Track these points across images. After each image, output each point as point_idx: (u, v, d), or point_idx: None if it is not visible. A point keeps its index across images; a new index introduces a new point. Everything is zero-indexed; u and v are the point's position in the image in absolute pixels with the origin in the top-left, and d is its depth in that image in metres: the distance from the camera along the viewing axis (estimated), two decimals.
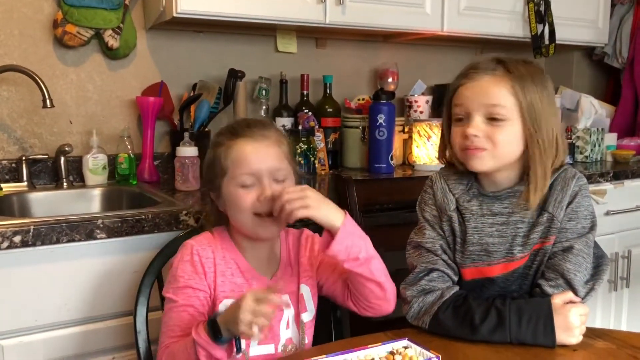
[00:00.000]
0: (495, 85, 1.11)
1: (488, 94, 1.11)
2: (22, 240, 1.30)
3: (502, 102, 1.10)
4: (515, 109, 1.10)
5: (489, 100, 1.10)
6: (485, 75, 1.12)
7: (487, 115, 1.11)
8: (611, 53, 2.90)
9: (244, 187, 1.12)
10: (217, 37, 2.18)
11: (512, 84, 1.10)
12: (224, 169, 1.14)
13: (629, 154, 2.53)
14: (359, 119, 2.29)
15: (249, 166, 1.12)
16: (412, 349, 1.00)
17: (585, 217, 1.15)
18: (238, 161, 1.12)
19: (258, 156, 1.12)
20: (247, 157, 1.12)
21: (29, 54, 1.89)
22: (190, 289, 1.12)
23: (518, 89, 1.10)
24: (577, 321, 1.06)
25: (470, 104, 1.12)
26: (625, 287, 2.34)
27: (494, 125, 1.11)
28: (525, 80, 1.11)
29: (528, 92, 1.10)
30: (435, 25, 2.24)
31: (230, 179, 1.13)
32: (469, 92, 1.13)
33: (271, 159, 1.13)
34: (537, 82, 1.12)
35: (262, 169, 1.12)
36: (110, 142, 1.99)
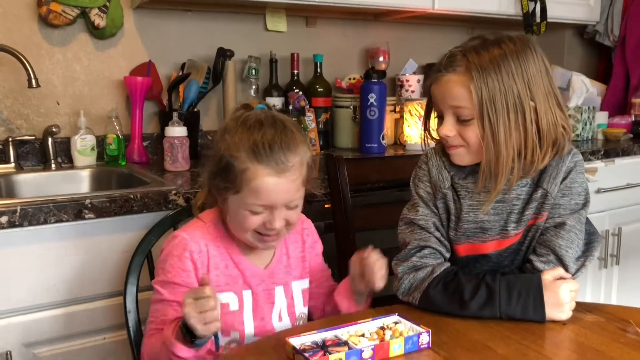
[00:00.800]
0: (457, 85, 1.09)
1: (451, 96, 1.10)
2: (9, 220, 1.29)
3: (465, 103, 1.09)
4: (478, 110, 1.08)
5: (453, 102, 1.11)
6: (447, 75, 1.10)
7: (455, 115, 1.12)
8: (603, 31, 2.89)
9: (253, 213, 1.08)
10: (206, 16, 2.15)
11: (471, 81, 1.07)
12: (237, 189, 1.07)
13: (619, 132, 2.53)
14: (350, 98, 2.27)
15: (266, 200, 1.07)
16: (403, 324, 1.00)
17: (579, 194, 1.15)
18: (255, 193, 1.06)
19: (278, 192, 1.07)
20: (267, 193, 1.06)
21: (13, 33, 1.86)
22: (175, 285, 1.11)
23: (477, 85, 1.07)
24: (567, 297, 1.06)
25: (440, 105, 1.14)
26: (615, 265, 2.36)
27: (463, 125, 1.11)
28: (488, 71, 1.07)
29: (489, 87, 1.07)
30: (426, 3, 2.22)
31: (241, 202, 1.08)
32: (436, 93, 1.14)
33: (290, 194, 1.09)
34: (503, 69, 1.07)
35: (278, 203, 1.08)
36: (98, 123, 1.97)
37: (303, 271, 1.25)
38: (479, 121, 1.09)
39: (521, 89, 1.08)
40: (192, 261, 1.11)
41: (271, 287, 1.19)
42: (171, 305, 1.10)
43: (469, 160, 1.15)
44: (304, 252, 1.25)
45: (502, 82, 1.07)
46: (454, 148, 1.15)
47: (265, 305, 1.18)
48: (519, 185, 1.14)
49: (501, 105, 1.07)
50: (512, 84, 1.08)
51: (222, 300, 1.13)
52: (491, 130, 1.08)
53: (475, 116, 1.09)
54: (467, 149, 1.13)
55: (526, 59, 1.09)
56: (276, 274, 1.20)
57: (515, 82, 1.08)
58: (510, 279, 1.08)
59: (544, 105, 1.10)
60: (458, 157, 1.16)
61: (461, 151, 1.14)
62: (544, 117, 1.10)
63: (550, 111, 1.11)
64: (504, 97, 1.07)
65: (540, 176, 1.15)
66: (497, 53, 1.09)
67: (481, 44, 1.11)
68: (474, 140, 1.11)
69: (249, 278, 1.17)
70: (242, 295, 1.16)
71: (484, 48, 1.10)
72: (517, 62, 1.09)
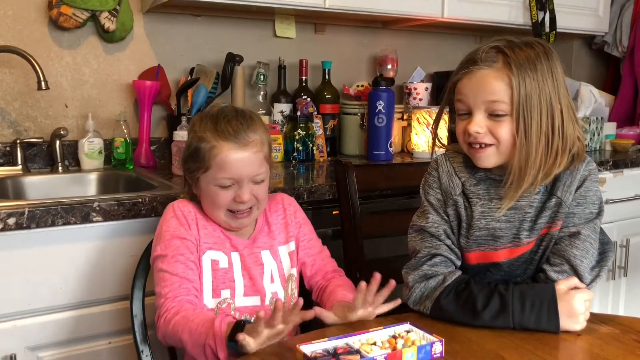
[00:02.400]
0: (496, 80, 1.07)
1: (488, 90, 1.07)
2: (17, 222, 1.28)
3: (502, 97, 1.07)
4: (515, 103, 1.07)
5: (489, 97, 1.08)
6: (484, 69, 1.08)
7: (488, 111, 1.09)
8: (611, 42, 2.88)
9: (222, 188, 1.18)
10: (215, 21, 2.15)
11: (511, 76, 1.06)
12: (206, 167, 1.18)
13: (628, 143, 2.52)
14: (357, 105, 2.27)
15: (232, 172, 1.17)
16: (415, 333, 0.98)
17: (593, 203, 1.13)
18: (222, 166, 1.17)
19: (243, 164, 1.18)
20: (231, 165, 1.17)
21: (23, 36, 1.86)
22: (177, 239, 1.18)
23: (517, 81, 1.06)
24: (581, 307, 1.05)
25: (471, 101, 1.10)
26: (623, 276, 2.34)
27: (496, 121, 1.08)
28: (525, 69, 1.06)
29: (526, 84, 1.06)
30: (435, 11, 2.22)
31: (210, 178, 1.19)
32: (468, 87, 1.10)
33: (254, 167, 1.19)
34: (539, 69, 1.07)
35: (243, 175, 1.18)
36: (106, 127, 1.97)
37: (287, 235, 1.31)
38: (514, 118, 1.07)
39: (552, 90, 1.08)
40: (185, 217, 1.20)
41: (257, 252, 1.26)
42: (178, 260, 1.16)
43: (496, 160, 1.12)
44: (286, 218, 1.32)
45: (537, 81, 1.07)
46: (482, 150, 1.11)
47: (254, 266, 1.23)
48: (532, 193, 1.12)
49: (537, 104, 1.06)
50: (544, 86, 1.07)
51: (213, 257, 1.21)
52: (524, 128, 1.07)
53: (510, 112, 1.07)
54: (496, 147, 1.10)
55: (555, 64, 1.10)
56: (259, 240, 1.27)
57: (547, 84, 1.07)
58: (523, 289, 1.07)
59: (568, 110, 1.10)
60: (485, 157, 1.11)
61: (489, 151, 1.11)
62: (569, 123, 1.09)
63: (571, 118, 1.10)
64: (538, 96, 1.07)
65: (554, 184, 1.13)
66: (532, 53, 1.08)
67: (513, 43, 1.10)
68: (507, 137, 1.08)
69: (234, 242, 1.24)
70: (230, 256, 1.22)
71: (518, 47, 1.09)
72: (548, 64, 1.08)
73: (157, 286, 1.17)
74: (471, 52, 1.12)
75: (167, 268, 1.16)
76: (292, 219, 1.32)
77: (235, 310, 1.21)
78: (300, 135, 2.08)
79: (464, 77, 1.11)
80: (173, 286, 1.14)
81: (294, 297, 1.29)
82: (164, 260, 1.17)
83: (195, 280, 1.17)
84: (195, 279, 1.17)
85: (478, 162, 1.13)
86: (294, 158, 2.08)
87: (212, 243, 1.22)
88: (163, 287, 1.15)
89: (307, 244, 1.33)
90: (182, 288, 1.14)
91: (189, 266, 1.17)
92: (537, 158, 1.08)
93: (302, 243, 1.32)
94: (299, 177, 1.85)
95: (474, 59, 1.10)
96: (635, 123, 2.73)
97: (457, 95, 1.13)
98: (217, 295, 1.20)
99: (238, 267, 1.23)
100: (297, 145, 2.08)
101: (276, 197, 1.35)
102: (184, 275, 1.15)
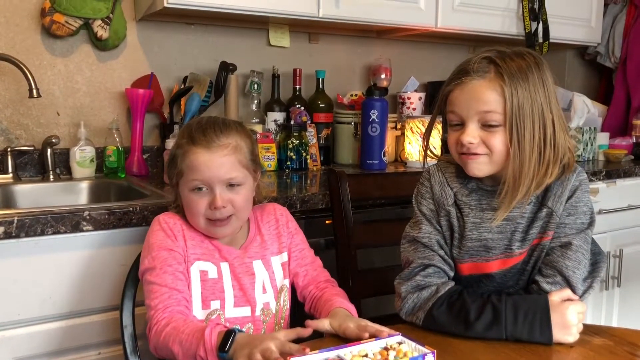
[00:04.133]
0: (488, 90, 1.07)
1: (482, 101, 1.07)
2: (5, 231, 1.27)
3: (495, 108, 1.07)
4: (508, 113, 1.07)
5: (482, 107, 1.07)
6: (476, 80, 1.08)
7: (481, 121, 1.09)
8: (604, 52, 2.90)
9: (196, 192, 1.18)
10: (209, 30, 2.15)
11: (504, 86, 1.06)
12: (181, 172, 1.19)
13: (621, 153, 2.53)
14: (351, 114, 2.27)
15: (201, 174, 1.17)
16: (407, 344, 0.97)
17: (584, 213, 1.13)
18: (191, 168, 1.17)
19: (211, 166, 1.16)
20: (200, 167, 1.16)
21: (15, 43, 1.85)
22: (165, 250, 1.17)
23: (509, 92, 1.06)
24: (574, 319, 1.04)
25: (464, 111, 1.09)
26: (616, 287, 2.33)
27: (489, 131, 1.08)
28: (517, 79, 1.06)
29: (519, 94, 1.06)
30: (429, 21, 2.22)
31: (184, 183, 1.20)
32: (461, 98, 1.10)
33: (224, 169, 1.17)
34: (530, 79, 1.07)
35: (213, 178, 1.17)
36: (98, 135, 1.96)
37: (280, 246, 1.30)
38: (507, 128, 1.07)
39: (543, 101, 1.08)
40: (171, 229, 1.20)
41: (248, 262, 1.24)
42: (166, 271, 1.15)
43: (488, 170, 1.11)
44: (278, 228, 1.31)
45: (529, 91, 1.07)
46: (475, 157, 1.10)
47: (245, 276, 1.22)
48: (523, 204, 1.12)
49: (529, 114, 1.06)
50: (536, 96, 1.07)
51: (201, 267, 1.20)
52: (518, 138, 1.06)
53: (503, 123, 1.07)
54: (489, 157, 1.10)
55: (546, 74, 1.10)
56: (251, 250, 1.26)
57: (539, 94, 1.07)
58: (516, 300, 1.06)
59: (559, 120, 1.10)
60: (477, 167, 1.11)
61: (482, 160, 1.10)
62: (561, 133, 1.09)
63: (562, 128, 1.10)
64: (530, 106, 1.07)
65: (545, 195, 1.13)
66: (523, 63, 1.08)
67: (504, 53, 1.10)
68: (500, 148, 1.08)
69: (224, 253, 1.23)
70: (220, 266, 1.21)
71: (509, 57, 1.09)
72: (539, 74, 1.08)
73: (147, 298, 1.16)
74: (462, 62, 1.12)
75: (156, 280, 1.15)
76: (285, 229, 1.31)
77: (225, 321, 1.19)
78: (294, 144, 2.07)
79: (456, 88, 1.11)
80: (163, 297, 1.13)
81: (285, 309, 1.28)
82: (153, 272, 1.16)
83: (184, 291, 1.16)
84: (184, 290, 1.16)
85: (470, 171, 1.12)
86: (287, 167, 2.08)
87: (200, 254, 1.21)
88: (153, 299, 1.14)
89: (299, 254, 1.32)
90: (172, 299, 1.13)
91: (177, 277, 1.16)
92: (530, 168, 1.08)
93: (294, 253, 1.31)
94: (292, 186, 1.84)
95: (466, 70, 1.09)
96: (628, 133, 2.74)
97: (450, 106, 1.13)
98: (206, 306, 1.19)
99: (228, 277, 1.21)
100: (291, 154, 2.07)
101: (268, 207, 1.34)
102: (173, 286, 1.14)
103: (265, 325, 1.23)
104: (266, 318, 1.23)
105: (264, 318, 1.23)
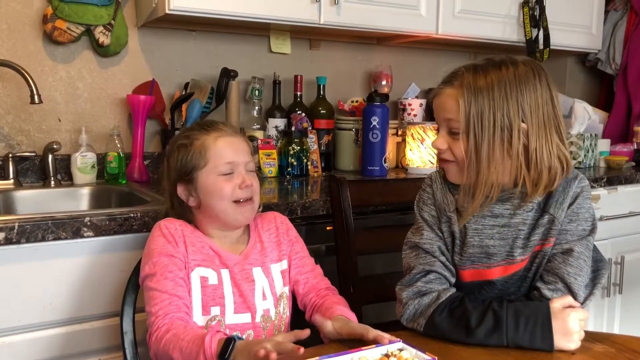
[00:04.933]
0: (450, 98, 1.10)
1: (445, 108, 1.12)
2: (6, 237, 1.27)
3: (454, 116, 1.09)
4: (464, 123, 1.08)
5: (445, 114, 1.12)
6: (445, 89, 1.12)
7: (448, 128, 1.12)
8: (604, 59, 2.90)
9: (224, 176, 1.22)
10: (210, 36, 2.15)
11: (464, 96, 1.08)
12: (204, 162, 1.22)
13: (622, 159, 2.52)
14: (352, 121, 2.27)
15: (230, 156, 1.23)
16: (408, 352, 0.97)
17: (586, 219, 1.13)
18: (219, 152, 1.22)
19: (236, 149, 1.24)
20: (228, 148, 1.23)
21: (17, 49, 1.85)
22: (165, 256, 1.18)
23: (467, 101, 1.08)
24: (576, 326, 1.04)
25: (437, 118, 1.16)
26: (617, 293, 2.33)
27: (454, 139, 1.11)
28: (478, 90, 1.08)
29: (478, 104, 1.07)
30: (430, 28, 2.23)
31: (210, 170, 1.22)
32: (435, 107, 1.16)
33: (245, 153, 1.26)
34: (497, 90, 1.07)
35: (239, 161, 1.24)
36: (99, 141, 1.96)
37: (280, 254, 1.30)
38: (464, 135, 1.09)
39: (512, 110, 1.07)
40: (172, 235, 1.20)
41: (248, 268, 1.25)
42: (167, 277, 1.15)
43: (460, 177, 1.13)
44: (279, 236, 1.32)
45: (492, 99, 1.07)
46: (445, 163, 1.15)
47: (244, 283, 1.22)
48: (525, 210, 1.13)
49: (488, 122, 1.07)
50: (503, 104, 1.07)
51: (202, 274, 1.20)
52: (475, 145, 1.08)
53: (464, 130, 1.09)
54: (457, 165, 1.13)
55: (525, 85, 1.08)
56: (251, 257, 1.26)
57: (508, 103, 1.07)
58: (518, 306, 1.06)
59: (539, 130, 1.09)
60: (450, 174, 1.16)
61: (452, 167, 1.14)
62: (536, 142, 1.08)
63: (545, 138, 1.09)
64: (492, 114, 1.07)
65: (547, 201, 1.13)
66: (495, 73, 1.09)
67: (484, 64, 1.12)
68: (461, 155, 1.10)
69: (224, 259, 1.23)
70: (220, 273, 1.22)
71: (484, 67, 1.10)
72: (513, 85, 1.08)
73: (147, 305, 1.15)
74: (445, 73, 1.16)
75: (156, 286, 1.15)
76: (285, 237, 1.32)
77: (225, 327, 1.19)
78: (295, 151, 2.07)
79: (434, 96, 1.16)
80: (163, 304, 1.12)
81: (285, 316, 1.27)
82: (153, 278, 1.16)
83: (185, 297, 1.16)
84: (185, 296, 1.16)
85: (447, 177, 1.17)
86: (288, 173, 2.08)
87: (200, 260, 1.21)
88: (153, 305, 1.13)
89: (299, 262, 1.31)
90: (173, 305, 1.13)
91: (178, 283, 1.16)
92: (489, 175, 1.08)
93: (295, 261, 1.31)
94: (293, 193, 1.84)
95: (442, 80, 1.15)
96: (629, 140, 2.74)
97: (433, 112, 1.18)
98: (206, 312, 1.19)
99: (228, 283, 1.21)
100: (292, 161, 2.07)
101: (268, 216, 1.35)
102: (173, 292, 1.14)
103: (265, 332, 1.22)
104: (266, 325, 1.23)
105: (264, 325, 1.23)
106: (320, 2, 1.96)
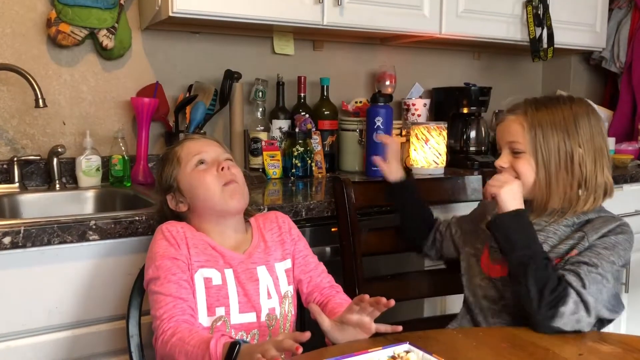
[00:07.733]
0: (514, 123, 1.28)
1: (510, 132, 1.29)
2: (12, 241, 1.27)
3: (518, 138, 1.26)
4: (529, 144, 1.25)
5: (509, 137, 1.29)
6: (508, 116, 1.31)
7: (510, 149, 1.29)
8: (609, 57, 2.89)
9: (199, 167, 1.26)
10: (214, 38, 2.15)
11: (526, 123, 1.26)
12: (178, 164, 1.28)
13: (627, 158, 2.51)
14: (356, 121, 2.26)
15: (197, 150, 1.28)
16: (414, 354, 0.97)
17: (620, 256, 1.20)
18: (187, 150, 1.29)
19: (203, 144, 1.30)
20: (194, 145, 1.30)
21: (21, 53, 1.86)
22: (168, 259, 1.18)
23: (530, 126, 1.25)
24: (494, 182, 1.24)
25: (500, 142, 1.32)
26: (624, 293, 2.31)
27: (515, 157, 1.28)
28: (544, 116, 1.25)
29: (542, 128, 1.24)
30: (433, 28, 2.22)
31: (184, 169, 1.27)
32: (499, 132, 1.34)
33: (215, 147, 1.31)
34: (559, 119, 1.24)
35: (209, 152, 1.29)
36: (104, 144, 1.96)
37: (284, 253, 1.31)
38: (531, 157, 1.24)
39: (572, 136, 1.23)
40: (174, 237, 1.21)
41: (252, 267, 1.24)
42: (170, 280, 1.15)
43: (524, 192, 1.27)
44: (281, 235, 1.33)
45: (554, 123, 1.24)
46: None
47: (248, 282, 1.22)
48: (560, 224, 1.24)
49: (553, 144, 1.23)
50: (563, 131, 1.24)
51: (205, 274, 1.20)
52: (544, 162, 1.24)
53: (527, 149, 1.24)
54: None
55: (582, 117, 1.25)
56: (255, 255, 1.27)
57: (567, 130, 1.23)
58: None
59: (594, 156, 1.23)
60: None
61: None
62: (590, 166, 1.23)
63: (596, 164, 1.22)
64: (555, 137, 1.23)
65: (585, 224, 1.23)
66: (554, 104, 1.27)
67: (544, 98, 1.30)
68: (523, 171, 1.26)
69: (228, 259, 1.24)
70: (224, 273, 1.21)
71: (544, 99, 1.29)
72: (571, 116, 1.24)
73: (152, 309, 1.16)
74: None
75: (161, 289, 1.15)
76: (288, 236, 1.32)
77: (230, 328, 1.19)
78: (299, 152, 2.07)
79: (498, 124, 1.35)
80: (168, 307, 1.13)
81: (291, 315, 1.27)
82: (157, 282, 1.16)
83: (189, 299, 1.16)
84: (189, 298, 1.16)
85: None
86: (292, 174, 2.08)
87: (204, 261, 1.22)
88: (158, 309, 1.14)
89: (302, 261, 1.32)
90: (177, 308, 1.13)
91: (182, 285, 1.16)
92: (558, 189, 1.24)
93: (298, 260, 1.32)
94: (297, 194, 1.84)
95: (506, 110, 1.34)
96: (634, 138, 2.73)
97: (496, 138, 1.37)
98: (212, 313, 1.19)
99: (232, 283, 1.22)
100: (296, 162, 2.07)
101: (270, 215, 1.36)
102: (177, 295, 1.14)
103: (270, 331, 1.23)
104: (272, 323, 1.23)
105: (269, 323, 1.23)
106: (324, 3, 1.96)
